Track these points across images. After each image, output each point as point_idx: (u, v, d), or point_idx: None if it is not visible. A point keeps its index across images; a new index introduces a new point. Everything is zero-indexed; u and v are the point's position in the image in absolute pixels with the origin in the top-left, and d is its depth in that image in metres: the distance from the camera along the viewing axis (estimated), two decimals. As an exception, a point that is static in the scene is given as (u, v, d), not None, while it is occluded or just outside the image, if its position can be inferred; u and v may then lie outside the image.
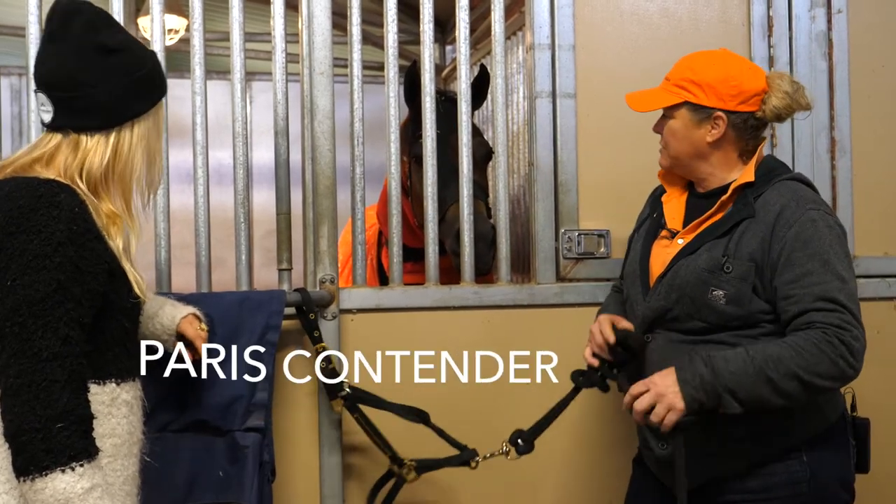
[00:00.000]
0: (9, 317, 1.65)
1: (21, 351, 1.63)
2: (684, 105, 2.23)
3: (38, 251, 1.66)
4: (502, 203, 2.80)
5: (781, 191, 2.17)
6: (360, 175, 2.69)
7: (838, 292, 2.04)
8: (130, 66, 1.85)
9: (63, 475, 1.61)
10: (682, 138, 2.24)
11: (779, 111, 2.20)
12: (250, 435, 2.37)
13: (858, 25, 3.00)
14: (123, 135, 1.85)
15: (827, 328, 2.02)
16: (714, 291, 2.12)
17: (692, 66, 2.24)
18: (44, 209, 1.69)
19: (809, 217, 2.11)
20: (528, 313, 2.76)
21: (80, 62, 1.81)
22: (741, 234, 2.15)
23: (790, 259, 2.07)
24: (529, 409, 2.69)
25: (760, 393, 2.02)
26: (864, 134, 3.00)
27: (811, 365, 2.00)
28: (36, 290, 1.65)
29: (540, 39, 2.82)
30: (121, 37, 1.86)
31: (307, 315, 2.51)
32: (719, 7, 2.94)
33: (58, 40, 1.82)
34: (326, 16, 2.67)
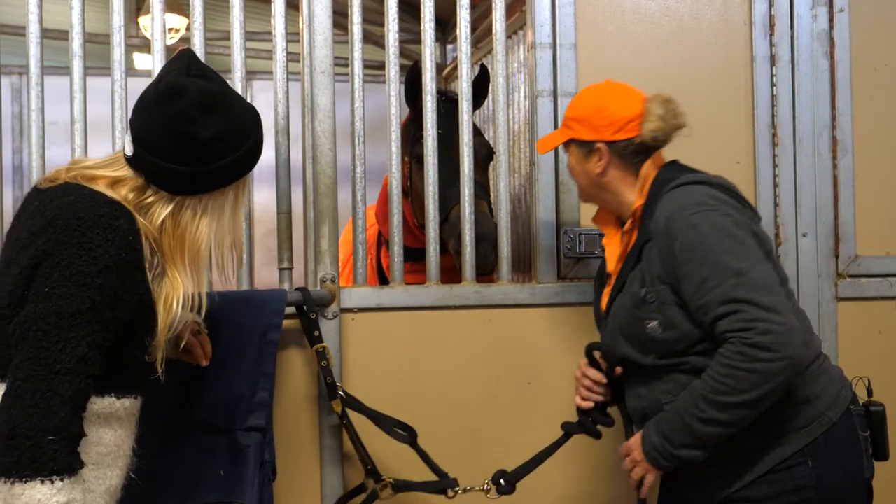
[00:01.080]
0: (36, 321, 1.66)
1: (37, 357, 1.64)
2: (571, 142, 2.34)
3: (83, 268, 1.69)
4: (503, 202, 2.80)
5: (665, 204, 2.15)
6: (360, 174, 2.69)
7: (735, 289, 2.00)
8: (215, 154, 1.86)
9: (42, 486, 1.61)
10: (579, 173, 2.36)
11: (654, 134, 2.25)
12: (251, 434, 2.37)
13: (860, 24, 3.00)
14: (187, 205, 1.87)
15: (733, 337, 1.99)
16: (649, 324, 2.13)
17: (573, 104, 2.37)
18: (101, 229, 1.72)
19: (690, 224, 2.08)
20: (529, 312, 2.76)
21: (167, 140, 1.83)
22: (647, 258, 2.16)
23: (685, 272, 2.06)
24: (529, 411, 2.70)
25: (711, 434, 2.04)
26: (866, 133, 3.00)
27: (731, 386, 1.99)
28: (69, 304, 1.67)
29: (541, 38, 2.81)
30: (218, 125, 1.85)
31: (307, 315, 2.51)
32: (721, 6, 2.93)
33: (156, 108, 1.83)
34: (327, 15, 2.67)
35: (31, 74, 2.54)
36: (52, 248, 1.70)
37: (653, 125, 2.24)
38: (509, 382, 2.75)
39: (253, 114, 1.97)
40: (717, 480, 2.16)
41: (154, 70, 2.57)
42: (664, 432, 2.09)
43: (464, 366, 2.73)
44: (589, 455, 2.74)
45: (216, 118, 1.85)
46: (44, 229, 1.73)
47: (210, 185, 1.88)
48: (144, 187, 1.86)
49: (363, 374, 2.64)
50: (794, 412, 2.12)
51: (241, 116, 1.92)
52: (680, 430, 2.06)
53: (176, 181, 1.85)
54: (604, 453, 2.69)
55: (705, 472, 2.16)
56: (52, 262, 1.69)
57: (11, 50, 3.41)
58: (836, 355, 2.93)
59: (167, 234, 1.86)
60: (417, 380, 2.69)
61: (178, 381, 2.29)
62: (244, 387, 2.39)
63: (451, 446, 2.69)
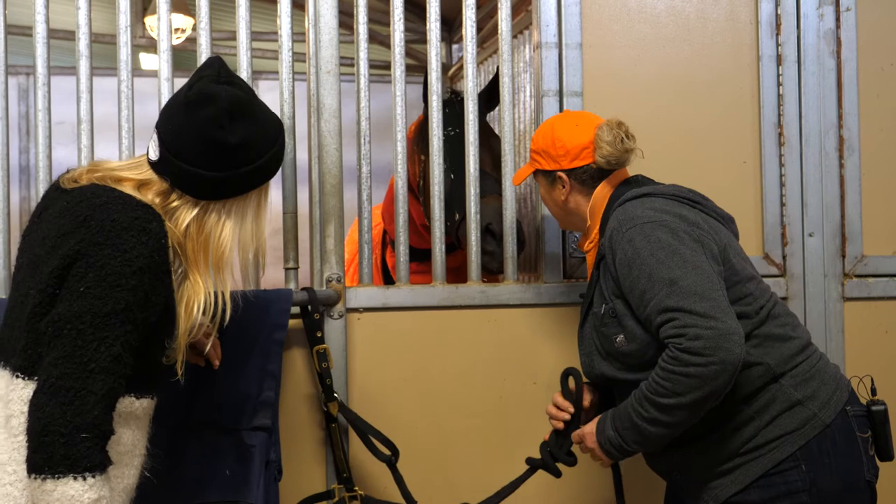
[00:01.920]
0: (70, 320, 1.68)
1: (72, 355, 1.66)
2: (538, 173, 2.46)
3: (118, 269, 1.71)
4: (509, 202, 2.80)
5: (610, 222, 2.23)
6: (366, 174, 2.69)
7: (668, 298, 2.02)
8: (243, 160, 1.88)
9: (74, 482, 1.63)
10: (548, 201, 2.48)
11: (607, 159, 2.34)
12: (257, 434, 2.37)
13: (867, 23, 2.99)
14: (211, 210, 1.90)
15: (669, 342, 2.02)
16: (617, 339, 2.16)
17: (534, 137, 2.47)
18: (135, 231, 1.74)
19: (626, 239, 2.13)
20: (535, 312, 2.76)
21: (197, 147, 1.86)
22: (603, 276, 2.22)
23: (627, 287, 2.12)
24: (535, 410, 2.70)
25: (657, 434, 2.08)
26: (873, 132, 2.99)
27: (669, 389, 2.01)
28: (104, 304, 1.69)
29: (547, 38, 2.81)
30: (246, 131, 1.88)
31: (311, 315, 2.51)
32: (727, 5, 2.93)
33: (187, 114, 1.86)
34: (333, 14, 2.67)
35: (38, 74, 2.54)
36: (85, 248, 1.72)
37: (604, 151, 2.33)
38: (515, 381, 2.75)
39: (277, 121, 2.00)
40: (710, 486, 2.16)
41: (160, 70, 2.58)
42: (617, 429, 2.14)
43: (469, 365, 2.73)
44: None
45: (243, 125, 1.88)
46: (75, 229, 1.75)
47: (235, 190, 1.91)
48: (169, 191, 1.88)
49: (369, 374, 2.64)
50: (786, 415, 2.11)
51: (266, 123, 1.95)
52: (630, 429, 2.11)
53: (202, 186, 1.88)
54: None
55: (699, 477, 2.17)
56: (86, 262, 1.71)
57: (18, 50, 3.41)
58: (843, 355, 2.92)
59: (191, 238, 1.89)
60: (423, 379, 2.69)
61: (185, 381, 2.29)
62: (250, 386, 2.40)
63: (456, 445, 2.69)
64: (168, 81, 2.58)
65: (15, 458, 1.71)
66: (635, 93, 2.86)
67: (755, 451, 2.11)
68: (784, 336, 2.16)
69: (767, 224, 2.91)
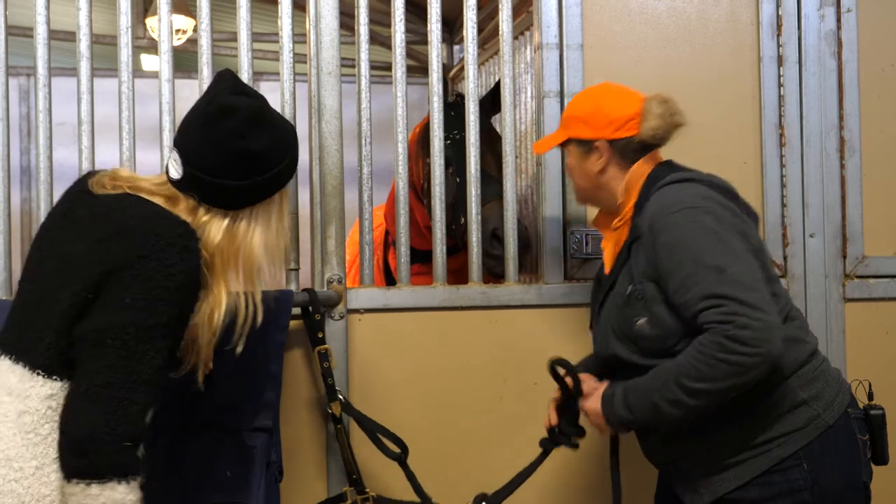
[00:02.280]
0: (115, 330, 1.72)
1: (116, 366, 1.71)
2: (571, 141, 2.35)
3: (162, 283, 1.76)
4: (510, 203, 2.80)
5: (652, 203, 2.17)
6: (367, 175, 2.69)
7: (716, 286, 2.00)
8: (266, 165, 1.94)
9: (119, 486, 1.70)
10: (577, 172, 2.37)
11: (654, 132, 2.27)
12: (258, 435, 2.37)
13: (868, 24, 2.99)
14: (241, 218, 1.95)
15: (712, 328, 1.99)
16: (637, 321, 2.13)
17: (572, 104, 2.40)
18: (178, 247, 1.79)
19: (671, 222, 2.10)
20: (536, 313, 2.76)
21: (221, 158, 1.90)
22: (634, 256, 2.17)
23: (667, 269, 2.08)
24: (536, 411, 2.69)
25: (674, 415, 2.05)
26: (874, 133, 2.99)
27: (699, 373, 1.99)
28: (149, 317, 1.74)
29: (548, 39, 2.81)
30: (267, 138, 1.94)
31: (312, 316, 2.51)
32: (728, 6, 2.93)
33: (208, 128, 1.91)
34: (334, 16, 2.67)
35: (39, 75, 2.54)
36: (129, 258, 1.75)
37: (653, 123, 2.26)
38: (516, 383, 2.75)
39: (290, 125, 2.08)
40: (709, 480, 2.16)
41: (161, 71, 2.58)
42: (630, 406, 2.10)
43: (470, 366, 2.72)
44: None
45: (264, 132, 1.94)
46: (114, 237, 1.79)
47: (261, 196, 1.97)
48: (196, 207, 1.92)
49: (370, 375, 2.64)
50: (790, 414, 2.11)
51: (282, 128, 2.02)
52: (645, 408, 2.08)
53: (230, 196, 1.93)
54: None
55: (698, 470, 2.17)
56: (130, 273, 1.75)
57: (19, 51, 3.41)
58: (844, 356, 2.92)
59: (222, 250, 1.93)
60: (424, 380, 2.69)
61: (185, 382, 2.29)
62: (251, 387, 2.39)
63: (457, 446, 2.69)
64: (169, 82, 2.58)
65: (23, 455, 1.73)
66: (636, 94, 2.86)
67: (758, 447, 2.11)
68: (799, 339, 2.17)
69: (768, 224, 2.91)
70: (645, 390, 2.08)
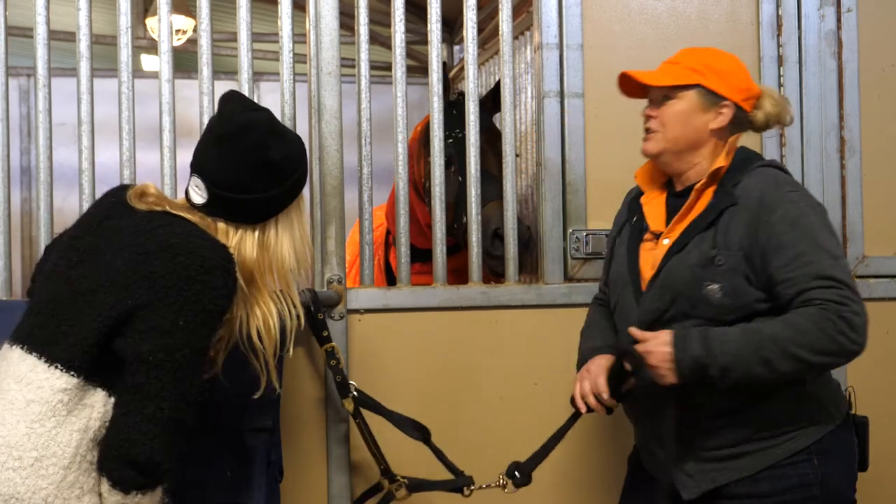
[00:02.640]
0: (170, 352, 1.78)
1: (174, 388, 1.78)
2: (695, 88, 2.22)
3: (209, 307, 1.82)
4: (510, 203, 2.80)
5: (759, 177, 2.17)
6: (367, 175, 2.69)
7: (832, 269, 2.03)
8: (288, 173, 2.01)
9: (153, 492, 1.81)
10: (685, 121, 2.23)
11: (769, 118, 2.26)
12: (258, 435, 2.37)
13: (868, 24, 2.99)
14: (269, 229, 2.01)
15: (825, 304, 2.00)
16: (709, 286, 2.10)
17: (706, 53, 2.29)
18: (222, 272, 1.85)
19: (790, 199, 2.11)
20: (536, 313, 2.76)
21: (246, 173, 1.96)
22: (727, 223, 2.13)
23: (781, 243, 2.06)
24: (536, 412, 2.70)
25: (756, 373, 2.02)
26: (874, 133, 2.99)
27: (810, 343, 1.99)
28: (198, 341, 1.82)
29: (548, 39, 2.81)
30: (285, 147, 2.01)
31: (315, 315, 2.51)
32: (728, 6, 2.93)
33: (228, 147, 1.96)
34: (334, 16, 2.67)
35: (39, 76, 2.54)
36: (175, 279, 1.80)
37: (769, 109, 2.26)
38: (516, 383, 2.75)
39: (294, 133, 2.16)
40: (707, 468, 2.15)
41: (161, 71, 2.58)
42: (711, 349, 2.03)
43: (470, 366, 2.72)
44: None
45: (281, 141, 2.01)
46: (158, 252, 1.83)
47: (285, 204, 2.03)
48: (226, 230, 1.98)
49: (370, 375, 2.64)
50: (805, 409, 2.13)
51: (294, 136, 2.10)
52: (729, 354, 2.02)
53: (262, 209, 1.99)
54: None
55: (712, 456, 2.15)
56: (182, 296, 1.79)
57: (19, 51, 3.41)
58: (844, 356, 2.92)
59: (257, 263, 1.99)
60: (424, 380, 2.69)
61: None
62: (251, 387, 2.39)
63: (458, 447, 2.68)
64: (169, 83, 2.58)
65: (24, 445, 1.74)
66: (636, 94, 2.86)
67: (768, 439, 2.12)
68: None
69: (769, 225, 2.91)
70: (733, 341, 2.04)
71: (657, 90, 2.25)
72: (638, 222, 2.33)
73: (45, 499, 1.73)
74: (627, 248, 2.32)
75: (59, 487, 1.75)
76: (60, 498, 1.75)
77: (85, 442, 1.78)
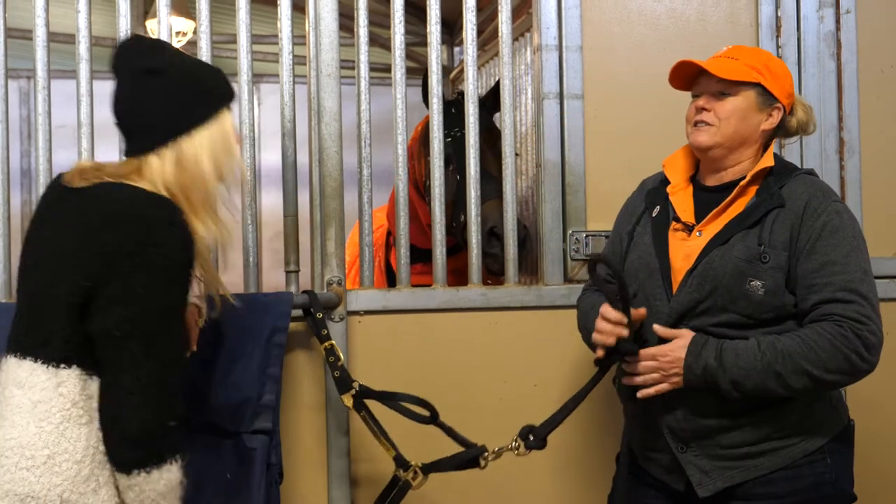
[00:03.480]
0: (134, 320, 1.77)
1: (147, 354, 1.77)
2: (755, 87, 2.23)
3: (163, 264, 1.80)
4: (510, 204, 2.80)
5: (806, 184, 2.20)
6: (367, 177, 2.69)
7: (860, 283, 2.06)
8: (179, 82, 1.95)
9: (172, 466, 1.83)
10: (742, 118, 2.23)
11: (799, 124, 2.30)
12: (258, 437, 2.37)
13: (867, 26, 2.99)
14: (184, 145, 1.94)
15: (843, 321, 2.03)
16: (752, 282, 2.12)
17: (763, 53, 2.32)
18: (168, 226, 1.83)
19: (835, 209, 2.15)
20: (536, 315, 2.76)
21: (131, 89, 1.94)
22: (772, 223, 2.15)
23: (815, 248, 2.10)
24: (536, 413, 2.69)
25: (766, 386, 2.05)
26: (873, 134, 2.99)
27: (822, 361, 2.02)
28: (162, 300, 1.81)
29: (547, 41, 2.82)
30: (165, 58, 1.96)
31: (315, 315, 2.51)
32: (727, 7, 2.93)
33: (116, 76, 1.96)
34: (333, 18, 2.67)
35: (38, 78, 2.55)
36: (125, 248, 1.78)
37: (801, 116, 2.30)
38: (516, 384, 2.75)
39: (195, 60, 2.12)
40: (738, 467, 2.14)
41: (161, 73, 2.58)
42: (724, 362, 2.06)
43: (470, 368, 2.73)
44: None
45: (162, 53, 1.98)
46: (103, 226, 1.81)
47: (196, 116, 1.95)
48: (147, 162, 1.92)
49: (370, 377, 2.63)
50: (820, 409, 2.15)
51: (182, 55, 2.06)
52: (742, 368, 2.04)
53: (163, 125, 1.93)
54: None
55: (729, 454, 2.15)
56: (130, 262, 1.78)
57: (18, 53, 3.41)
58: (844, 357, 2.92)
59: (179, 183, 1.92)
60: (424, 382, 2.69)
61: (185, 383, 2.29)
62: (251, 389, 2.39)
63: (457, 447, 2.68)
64: (169, 85, 2.58)
65: (35, 444, 1.76)
66: (636, 95, 2.86)
67: (786, 438, 2.12)
68: None
69: (768, 226, 2.91)
70: (744, 352, 2.06)
71: (715, 83, 2.24)
72: (662, 213, 2.32)
73: (60, 495, 1.75)
74: (653, 237, 2.30)
75: (74, 482, 1.76)
76: (76, 493, 1.76)
77: (94, 433, 1.80)
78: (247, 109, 2.61)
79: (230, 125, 2.03)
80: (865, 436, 2.41)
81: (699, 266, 2.17)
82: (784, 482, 2.12)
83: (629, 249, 2.35)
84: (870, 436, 2.61)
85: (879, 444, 2.77)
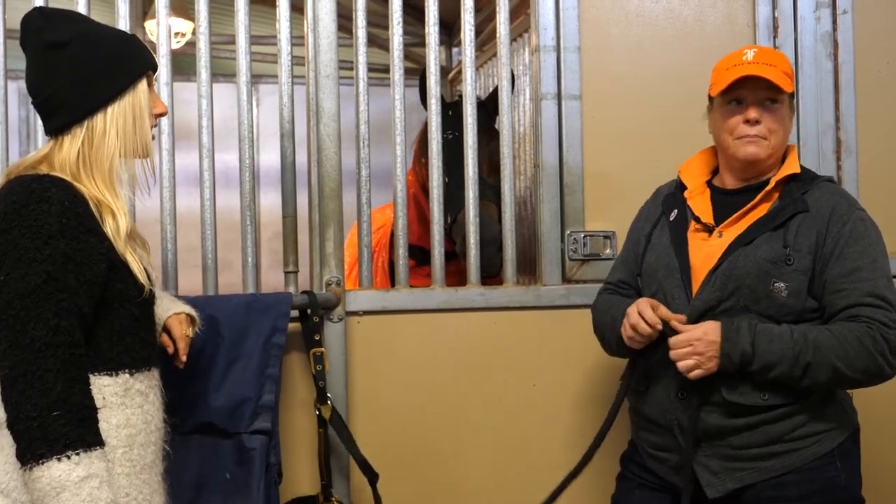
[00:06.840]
0: (3, 310, 1.68)
1: (15, 342, 1.67)
2: (790, 94, 2.26)
3: (28, 245, 1.70)
4: (508, 205, 2.80)
5: (830, 191, 2.23)
6: (365, 177, 2.70)
7: (886, 290, 2.09)
8: (84, 54, 1.86)
9: (59, 463, 1.63)
10: (786, 127, 2.27)
11: None
12: (257, 437, 2.38)
13: (864, 26, 3.00)
14: (96, 123, 1.86)
15: (872, 323, 2.05)
16: (776, 283, 2.13)
17: (785, 58, 2.29)
18: (34, 204, 1.72)
19: (859, 216, 2.18)
20: (534, 315, 2.77)
21: (37, 66, 1.87)
22: (797, 227, 2.17)
23: (842, 254, 2.12)
24: (535, 413, 2.70)
25: (793, 375, 2.07)
26: (870, 134, 2.99)
27: (850, 357, 2.04)
28: (27, 283, 1.68)
29: (545, 41, 2.82)
30: (69, 29, 1.87)
31: (310, 318, 2.52)
32: (725, 8, 2.94)
33: (25, 53, 1.89)
34: (332, 18, 2.68)
35: (38, 79, 2.54)
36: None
37: None
38: (515, 384, 2.75)
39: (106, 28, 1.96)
40: (748, 468, 2.15)
41: (160, 74, 2.58)
42: (760, 348, 2.07)
43: (469, 368, 2.73)
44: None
45: (65, 23, 1.88)
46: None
47: (104, 91, 1.86)
48: (61, 142, 1.86)
49: (369, 377, 2.65)
50: (831, 412, 2.16)
51: (89, 22, 1.95)
52: (773, 354, 2.06)
53: (71, 102, 1.85)
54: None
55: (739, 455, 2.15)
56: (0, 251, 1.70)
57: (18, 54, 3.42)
58: (842, 357, 2.92)
59: (88, 160, 1.85)
60: (423, 382, 2.70)
61: (184, 384, 2.30)
62: (250, 390, 2.40)
63: (457, 448, 2.69)
64: (167, 86, 2.58)
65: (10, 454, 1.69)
66: (634, 96, 2.87)
67: (798, 441, 2.13)
68: None
69: (766, 226, 2.91)
70: (780, 340, 2.07)
71: (762, 90, 2.22)
72: (680, 216, 2.33)
73: None
74: (672, 238, 2.30)
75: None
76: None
77: None
78: (245, 110, 2.62)
79: (145, 97, 1.93)
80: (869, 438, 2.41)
81: (723, 265, 2.18)
82: (794, 485, 2.12)
83: (646, 251, 2.36)
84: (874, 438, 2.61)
85: (881, 444, 2.77)
